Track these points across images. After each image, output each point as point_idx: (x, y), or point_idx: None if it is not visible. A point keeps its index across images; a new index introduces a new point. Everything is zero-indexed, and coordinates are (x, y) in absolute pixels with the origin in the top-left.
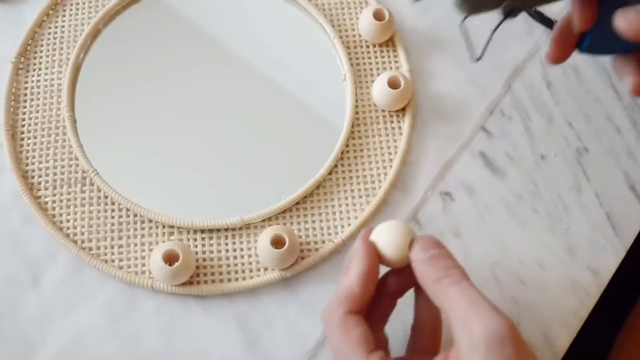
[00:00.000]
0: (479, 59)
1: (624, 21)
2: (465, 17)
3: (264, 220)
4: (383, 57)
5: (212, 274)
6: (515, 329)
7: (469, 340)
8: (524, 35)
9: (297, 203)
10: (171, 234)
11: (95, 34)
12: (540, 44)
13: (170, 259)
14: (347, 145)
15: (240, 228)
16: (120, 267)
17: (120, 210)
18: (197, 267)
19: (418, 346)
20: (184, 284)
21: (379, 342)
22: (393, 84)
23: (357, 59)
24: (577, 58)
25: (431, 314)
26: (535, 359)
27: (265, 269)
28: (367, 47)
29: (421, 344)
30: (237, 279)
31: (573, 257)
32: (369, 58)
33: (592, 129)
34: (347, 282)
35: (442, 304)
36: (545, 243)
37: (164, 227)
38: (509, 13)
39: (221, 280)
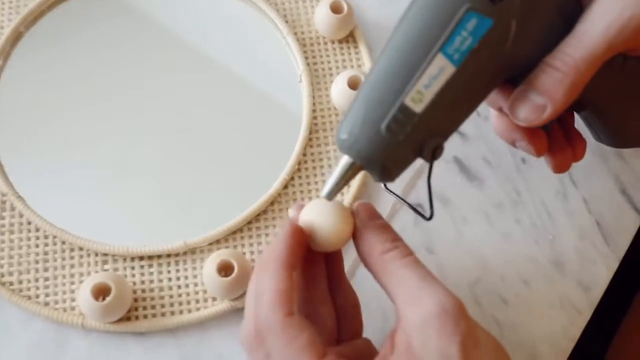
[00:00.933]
0: (431, 216)
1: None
2: (385, 186)
3: (210, 244)
4: (343, 54)
5: (153, 307)
6: (466, 311)
7: (420, 317)
8: None
9: (249, 222)
10: (105, 262)
11: (16, 38)
12: None
13: (101, 293)
14: (304, 155)
15: (184, 253)
16: (47, 304)
17: (45, 237)
18: (135, 300)
19: (343, 335)
20: (119, 320)
21: (326, 331)
22: (354, 84)
23: (314, 57)
24: None
25: (352, 299)
26: (487, 338)
27: (214, 299)
28: (325, 44)
29: (346, 332)
30: (181, 312)
31: (561, 271)
32: (327, 56)
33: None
34: (270, 282)
35: (386, 280)
36: (530, 256)
37: (96, 255)
38: (434, 154)
39: (163, 314)
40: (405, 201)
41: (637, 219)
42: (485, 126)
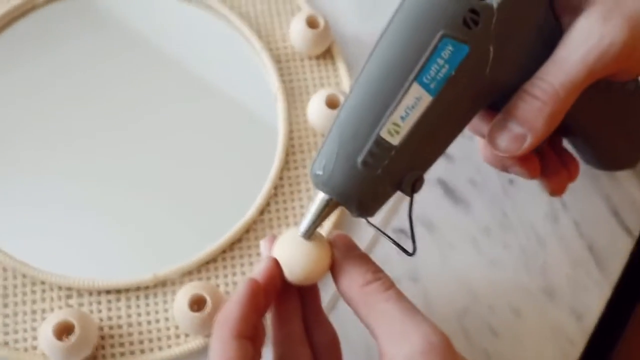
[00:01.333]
0: (414, 252)
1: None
2: (367, 220)
3: (182, 276)
4: (320, 71)
5: (121, 344)
6: (452, 346)
7: (405, 355)
8: None
9: (223, 252)
10: (69, 297)
11: None
12: None
13: (64, 331)
14: (280, 179)
15: (154, 286)
16: (6, 343)
17: (4, 271)
18: (102, 338)
19: None
20: (85, 359)
21: None
22: (332, 103)
23: (290, 74)
24: None
25: (331, 335)
26: None
27: (187, 335)
28: (302, 60)
29: None
30: (152, 350)
31: (552, 298)
32: (304, 73)
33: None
34: (218, 352)
35: (367, 314)
36: (520, 284)
37: (59, 289)
38: (414, 187)
39: (132, 353)
40: (387, 235)
41: (630, 242)
42: (470, 146)
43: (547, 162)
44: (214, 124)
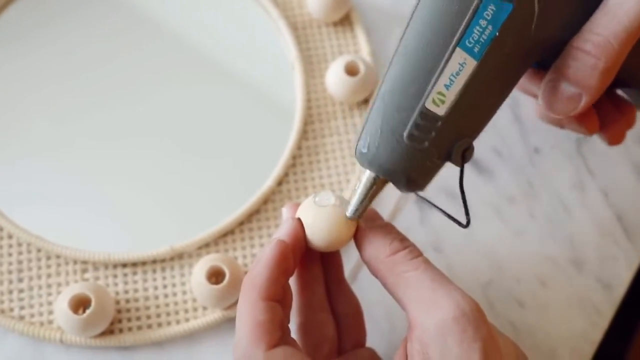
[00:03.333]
0: (467, 223)
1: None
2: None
3: (199, 248)
4: (338, 39)
5: (138, 318)
6: (484, 313)
7: (437, 322)
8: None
9: (240, 224)
10: (84, 271)
11: None
12: None
13: (80, 305)
14: (299, 149)
15: (171, 259)
16: (22, 318)
17: (19, 245)
18: (118, 312)
19: (345, 344)
20: (102, 333)
21: (325, 340)
22: (351, 70)
23: (307, 42)
24: None
25: (354, 305)
26: (507, 344)
27: (204, 308)
28: (319, 27)
29: (348, 341)
30: (169, 323)
31: (579, 269)
32: (322, 41)
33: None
34: (248, 313)
35: (395, 283)
36: (546, 254)
37: (75, 263)
38: (464, 156)
39: (149, 326)
40: (439, 208)
41: None
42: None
43: (603, 113)
44: (232, 96)
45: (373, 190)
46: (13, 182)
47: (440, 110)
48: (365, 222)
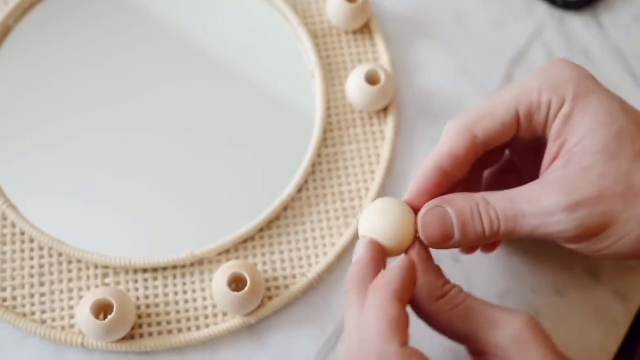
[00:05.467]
0: None
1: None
2: None
3: (219, 255)
4: (358, 47)
5: (159, 324)
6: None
7: (510, 334)
8: (524, 16)
9: (260, 230)
10: (105, 276)
11: (4, 32)
12: (544, 24)
13: (102, 310)
14: (319, 156)
15: (191, 265)
16: (43, 322)
17: (41, 249)
18: (139, 317)
19: None
20: (123, 339)
21: None
22: (371, 79)
23: (327, 50)
24: (587, 40)
25: None
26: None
27: (224, 314)
28: (339, 35)
29: None
30: (189, 329)
31: (596, 279)
32: (342, 49)
33: None
34: (381, 310)
35: (450, 320)
36: (563, 264)
37: (96, 268)
38: None
39: (170, 332)
40: None
41: None
42: None
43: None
44: (251, 103)
45: None
46: (36, 187)
47: None
48: (424, 263)
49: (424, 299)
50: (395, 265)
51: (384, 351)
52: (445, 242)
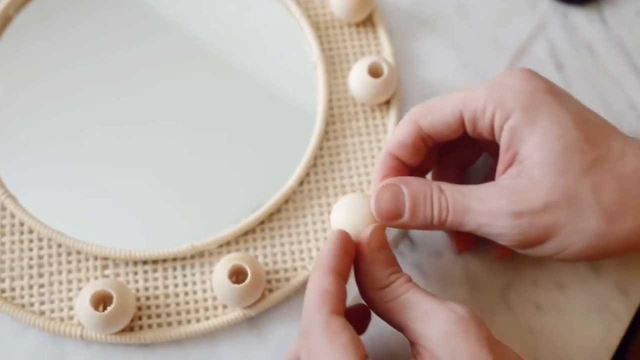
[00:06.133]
0: None
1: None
2: None
3: (220, 247)
4: (361, 39)
5: (158, 316)
6: (481, 318)
7: (441, 328)
8: (528, 10)
9: (261, 223)
10: (105, 267)
11: (4, 21)
12: (547, 18)
13: (101, 301)
14: (320, 149)
15: (192, 257)
16: (42, 313)
17: (40, 240)
18: (139, 309)
19: None
20: (122, 330)
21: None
22: (374, 71)
23: (330, 42)
24: (591, 34)
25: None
26: (508, 348)
27: (225, 307)
28: (342, 27)
29: None
30: (189, 322)
31: (597, 273)
32: (344, 41)
33: (612, 117)
34: (316, 282)
35: (390, 309)
36: None
37: (95, 259)
38: None
39: (169, 324)
40: None
41: None
42: None
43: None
44: (252, 95)
45: None
46: (35, 177)
47: None
48: (372, 251)
49: (367, 287)
50: (328, 241)
51: (312, 317)
52: (394, 218)
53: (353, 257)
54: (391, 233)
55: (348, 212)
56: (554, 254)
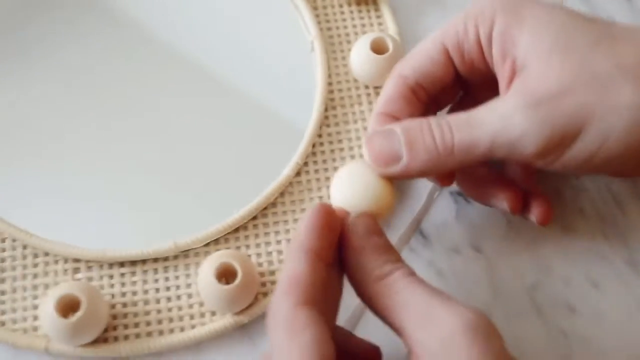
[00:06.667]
0: None
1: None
2: None
3: (207, 245)
4: (362, 18)
5: (136, 325)
6: (495, 326)
7: (440, 338)
8: None
9: (254, 218)
10: (76, 271)
11: None
12: None
13: (69, 309)
14: (319, 136)
15: (175, 257)
16: (2, 324)
17: (2, 241)
18: (114, 317)
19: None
20: (94, 342)
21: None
22: (378, 48)
23: (329, 22)
24: (612, 9)
25: (339, 286)
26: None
27: (213, 313)
28: (341, 6)
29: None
30: (172, 331)
31: (637, 270)
32: (344, 20)
33: None
34: (286, 267)
35: (386, 305)
36: (598, 253)
37: (65, 262)
38: None
39: (149, 334)
40: None
41: None
42: None
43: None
44: (246, 80)
45: None
46: None
47: None
48: (360, 239)
49: (358, 282)
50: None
51: (275, 308)
52: (392, 161)
53: (336, 233)
54: (401, 227)
55: (351, 182)
56: (595, 149)
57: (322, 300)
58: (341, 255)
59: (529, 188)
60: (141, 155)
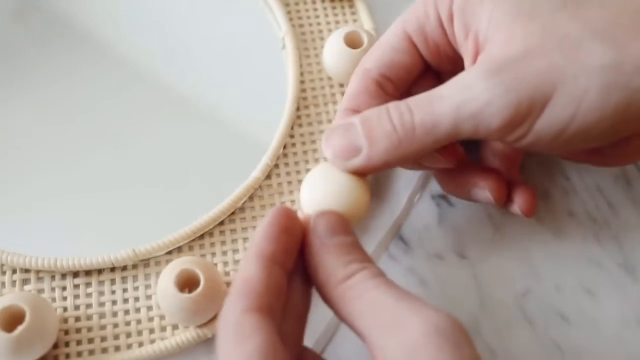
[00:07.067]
0: None
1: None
2: None
3: (169, 253)
4: (336, 14)
5: (90, 340)
6: (465, 331)
7: (404, 345)
8: None
9: (221, 223)
10: (25, 282)
11: None
12: None
13: (14, 322)
14: (291, 137)
15: (134, 267)
16: None
17: None
18: (66, 332)
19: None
20: (42, 358)
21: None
22: (352, 42)
23: (301, 18)
24: None
25: (305, 298)
26: None
27: (175, 326)
28: (314, 2)
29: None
30: (129, 346)
31: (633, 275)
32: (317, 17)
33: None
34: (241, 268)
35: (350, 309)
36: (591, 258)
37: (13, 272)
38: None
39: (104, 350)
40: None
41: None
42: None
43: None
44: (214, 78)
45: None
46: None
47: None
48: (321, 238)
49: (323, 282)
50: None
51: (223, 314)
52: (352, 154)
53: (297, 238)
54: (379, 232)
55: (320, 183)
56: (570, 115)
57: (277, 308)
58: (303, 258)
59: (511, 179)
60: (97, 157)
